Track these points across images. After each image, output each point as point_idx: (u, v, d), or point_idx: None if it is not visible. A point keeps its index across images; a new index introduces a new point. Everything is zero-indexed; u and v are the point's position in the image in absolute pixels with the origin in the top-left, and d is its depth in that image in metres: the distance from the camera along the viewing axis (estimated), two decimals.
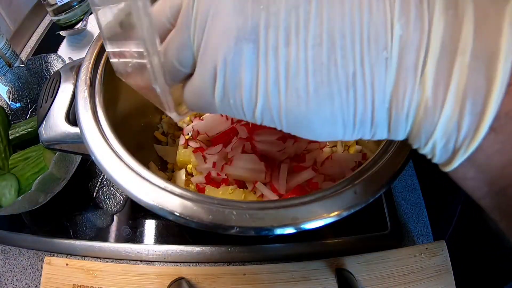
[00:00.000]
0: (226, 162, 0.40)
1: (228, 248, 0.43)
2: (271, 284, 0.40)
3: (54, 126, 0.33)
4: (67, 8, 0.69)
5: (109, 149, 0.29)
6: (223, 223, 0.25)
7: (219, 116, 0.43)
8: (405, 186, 0.51)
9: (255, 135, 0.40)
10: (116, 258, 0.44)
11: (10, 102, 0.54)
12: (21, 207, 0.41)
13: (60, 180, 0.44)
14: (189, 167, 0.42)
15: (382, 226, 0.46)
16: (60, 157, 0.42)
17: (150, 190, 0.27)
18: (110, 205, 0.48)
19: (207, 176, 0.41)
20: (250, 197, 0.39)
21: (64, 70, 0.36)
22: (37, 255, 0.45)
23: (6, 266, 0.44)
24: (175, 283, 0.39)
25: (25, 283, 0.43)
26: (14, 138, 0.51)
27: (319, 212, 0.26)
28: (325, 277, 0.40)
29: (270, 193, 0.39)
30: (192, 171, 0.42)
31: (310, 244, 0.44)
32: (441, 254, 0.41)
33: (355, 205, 0.27)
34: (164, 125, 0.47)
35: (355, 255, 0.42)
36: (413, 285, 0.40)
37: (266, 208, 0.26)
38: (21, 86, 0.54)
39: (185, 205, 0.26)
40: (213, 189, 0.39)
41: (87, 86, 0.33)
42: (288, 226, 0.25)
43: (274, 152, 0.40)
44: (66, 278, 0.40)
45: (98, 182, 0.50)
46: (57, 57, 0.55)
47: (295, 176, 0.40)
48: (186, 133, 0.44)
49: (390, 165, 0.29)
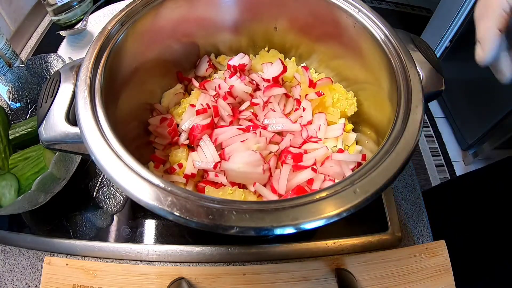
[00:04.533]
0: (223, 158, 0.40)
1: (228, 248, 0.43)
2: (271, 284, 0.40)
3: (54, 126, 0.33)
4: (67, 8, 0.69)
5: (109, 149, 0.29)
6: (223, 223, 0.25)
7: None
8: (405, 186, 0.51)
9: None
10: (116, 258, 0.44)
11: (10, 102, 0.54)
12: (21, 207, 0.41)
13: (60, 180, 0.44)
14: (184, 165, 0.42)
15: (382, 226, 0.46)
16: (60, 157, 0.42)
17: (150, 190, 0.27)
18: (110, 205, 0.48)
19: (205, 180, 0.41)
20: (250, 197, 0.39)
21: (64, 70, 0.36)
22: (37, 255, 0.45)
23: (6, 266, 0.44)
24: (175, 283, 0.39)
25: (25, 283, 0.43)
26: (14, 138, 0.51)
27: (319, 212, 0.26)
28: (325, 277, 0.40)
29: (270, 194, 0.39)
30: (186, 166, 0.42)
31: (310, 244, 0.44)
32: (441, 254, 0.41)
33: (355, 205, 0.27)
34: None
35: (355, 255, 0.42)
36: (413, 285, 0.40)
37: (266, 208, 0.26)
38: (21, 86, 0.54)
39: (185, 205, 0.26)
40: (213, 189, 0.39)
41: (87, 86, 0.33)
42: (288, 226, 0.25)
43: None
44: (66, 278, 0.40)
45: (98, 182, 0.50)
46: (57, 57, 0.55)
47: (295, 176, 0.40)
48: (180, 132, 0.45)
49: (390, 165, 0.29)
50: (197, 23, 0.49)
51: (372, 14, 0.40)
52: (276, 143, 0.44)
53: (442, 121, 1.61)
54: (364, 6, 0.41)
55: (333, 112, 0.47)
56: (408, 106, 0.33)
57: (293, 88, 0.50)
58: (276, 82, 0.48)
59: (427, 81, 0.37)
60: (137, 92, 0.44)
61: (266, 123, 0.45)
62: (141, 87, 0.45)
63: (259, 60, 0.52)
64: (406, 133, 0.31)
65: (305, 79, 0.49)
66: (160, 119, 0.46)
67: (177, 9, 0.45)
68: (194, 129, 0.43)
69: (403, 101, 0.34)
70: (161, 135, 0.46)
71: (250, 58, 0.52)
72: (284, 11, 0.49)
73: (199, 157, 0.42)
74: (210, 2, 0.47)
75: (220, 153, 0.41)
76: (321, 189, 0.28)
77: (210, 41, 0.52)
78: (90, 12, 0.71)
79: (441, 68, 0.39)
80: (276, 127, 0.44)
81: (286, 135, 0.45)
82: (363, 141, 0.46)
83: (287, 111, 0.48)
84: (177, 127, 0.46)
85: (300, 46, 0.52)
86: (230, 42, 0.53)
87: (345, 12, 0.42)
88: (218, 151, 0.42)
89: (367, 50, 0.42)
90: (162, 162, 0.44)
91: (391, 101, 0.37)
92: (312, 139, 0.44)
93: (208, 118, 0.45)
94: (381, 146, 0.31)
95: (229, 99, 0.47)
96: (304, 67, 0.50)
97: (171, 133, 0.45)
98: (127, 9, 0.40)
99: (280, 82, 0.49)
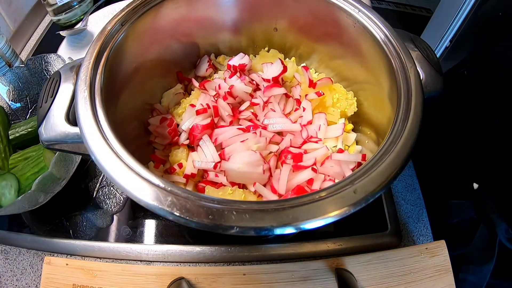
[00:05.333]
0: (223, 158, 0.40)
1: (228, 248, 0.43)
2: (271, 284, 0.40)
3: (54, 126, 0.33)
4: (67, 8, 0.69)
5: (109, 149, 0.29)
6: (223, 223, 0.25)
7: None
8: (405, 186, 0.51)
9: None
10: (116, 258, 0.44)
11: (10, 102, 0.54)
12: (21, 207, 0.41)
13: (60, 180, 0.44)
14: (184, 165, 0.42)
15: (382, 226, 0.46)
16: (60, 157, 0.42)
17: (150, 190, 0.27)
18: (110, 205, 0.48)
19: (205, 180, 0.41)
20: (250, 197, 0.39)
21: (64, 70, 0.36)
22: (37, 255, 0.45)
23: (6, 266, 0.44)
24: (175, 283, 0.39)
25: (25, 283, 0.43)
26: (14, 138, 0.51)
27: (319, 212, 0.26)
28: (325, 277, 0.40)
29: (270, 194, 0.39)
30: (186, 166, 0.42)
31: (310, 244, 0.44)
32: (441, 254, 0.41)
33: (355, 205, 0.27)
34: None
35: (355, 255, 0.42)
36: (413, 285, 0.40)
37: (266, 208, 0.26)
38: (21, 86, 0.54)
39: (185, 205, 0.26)
40: (213, 189, 0.39)
41: (87, 86, 0.33)
42: (288, 226, 0.25)
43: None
44: (66, 278, 0.40)
45: (98, 182, 0.50)
46: (57, 57, 0.55)
47: (295, 176, 0.40)
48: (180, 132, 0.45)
49: (390, 165, 0.29)
50: (197, 23, 0.49)
51: (372, 14, 0.40)
52: (276, 143, 0.44)
53: None
54: (364, 6, 0.41)
55: (333, 112, 0.47)
56: (408, 106, 0.33)
57: (293, 88, 0.50)
58: (276, 82, 0.48)
59: (427, 81, 0.37)
60: (137, 92, 0.44)
61: (266, 123, 0.45)
62: (141, 87, 0.45)
63: (259, 60, 0.52)
64: (406, 133, 0.31)
65: (305, 79, 0.49)
66: (160, 119, 0.46)
67: (177, 9, 0.45)
68: (194, 129, 0.43)
69: (403, 101, 0.34)
70: (161, 135, 0.46)
71: (250, 58, 0.52)
72: (284, 11, 0.49)
73: (199, 157, 0.42)
74: (210, 2, 0.47)
75: (220, 153, 0.41)
76: (321, 189, 0.28)
77: (210, 41, 0.52)
78: (90, 12, 0.71)
79: (441, 68, 0.39)
80: (276, 127, 0.44)
81: (286, 135, 0.45)
82: (363, 141, 0.46)
83: (287, 111, 0.48)
84: (177, 127, 0.46)
85: (300, 46, 0.52)
86: (230, 42, 0.53)
87: (345, 12, 0.42)
88: (218, 151, 0.42)
89: (367, 50, 0.42)
90: (162, 162, 0.44)
91: (391, 101, 0.37)
92: (312, 139, 0.44)
93: (208, 118, 0.45)
94: (381, 146, 0.31)
95: (229, 99, 0.47)
96: (304, 67, 0.50)
97: (171, 133, 0.45)
98: (127, 9, 0.40)
99: (280, 82, 0.49)
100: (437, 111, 0.69)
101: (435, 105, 0.66)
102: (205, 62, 0.52)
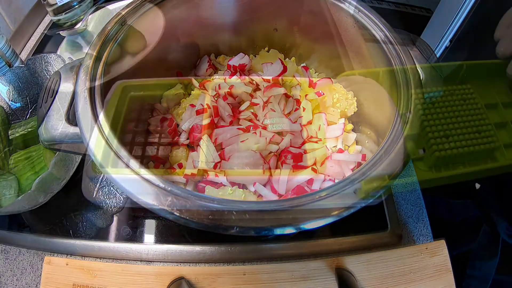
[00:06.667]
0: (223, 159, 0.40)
1: (228, 248, 0.43)
2: (271, 284, 0.40)
3: (54, 126, 0.33)
4: (67, 8, 0.69)
5: (109, 149, 0.29)
6: (223, 223, 0.25)
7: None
8: (405, 186, 0.51)
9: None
10: (116, 258, 0.44)
11: (10, 102, 0.54)
12: (21, 207, 0.41)
13: (60, 180, 0.44)
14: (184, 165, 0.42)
15: (382, 226, 0.46)
16: (60, 157, 0.42)
17: (150, 190, 0.27)
18: (110, 205, 0.48)
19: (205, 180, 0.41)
20: (250, 197, 0.39)
21: (64, 70, 0.36)
22: (37, 255, 0.45)
23: (6, 266, 0.44)
24: (175, 283, 0.39)
25: (25, 282, 0.43)
26: (14, 138, 0.51)
27: (319, 212, 0.26)
28: (325, 277, 0.40)
29: (270, 194, 0.39)
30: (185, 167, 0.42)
31: (310, 244, 0.44)
32: (441, 254, 0.41)
33: (355, 205, 0.27)
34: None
35: (355, 255, 0.42)
36: (413, 285, 0.40)
37: (266, 208, 0.26)
38: (21, 86, 0.54)
39: (185, 205, 0.26)
40: (213, 189, 0.39)
41: (87, 86, 0.33)
42: (288, 226, 0.26)
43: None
44: (66, 278, 0.40)
45: (98, 182, 0.50)
46: (57, 57, 0.55)
47: (295, 176, 0.40)
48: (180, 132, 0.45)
49: (390, 165, 0.29)
50: (197, 23, 0.49)
51: (372, 14, 0.40)
52: (276, 143, 0.44)
53: None
54: (364, 6, 0.41)
55: (333, 112, 0.47)
56: (408, 106, 0.33)
57: (293, 88, 0.50)
58: (276, 82, 0.48)
59: (427, 81, 0.37)
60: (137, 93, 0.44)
61: (266, 123, 0.45)
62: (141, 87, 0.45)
63: (259, 60, 0.52)
64: (406, 133, 0.31)
65: (305, 79, 0.49)
66: (160, 119, 0.46)
67: (177, 9, 0.45)
68: (194, 129, 0.44)
69: (403, 101, 0.34)
70: (161, 135, 0.46)
71: (250, 58, 0.52)
72: (284, 11, 0.49)
73: (199, 157, 0.42)
74: (210, 2, 0.47)
75: (220, 153, 0.41)
76: (321, 189, 0.28)
77: (210, 41, 0.52)
78: (90, 12, 0.71)
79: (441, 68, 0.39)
80: (276, 127, 0.44)
81: (286, 135, 0.45)
82: (363, 141, 0.46)
83: (287, 111, 0.48)
84: (177, 127, 0.46)
85: (300, 46, 0.52)
86: (230, 42, 0.53)
87: (345, 12, 0.42)
88: (218, 151, 0.42)
89: (367, 50, 0.42)
90: (162, 162, 0.44)
91: (391, 101, 0.37)
92: (312, 139, 0.44)
93: (208, 118, 0.45)
94: (381, 146, 0.31)
95: (229, 99, 0.47)
96: (304, 67, 0.50)
97: (171, 133, 0.45)
98: (127, 9, 0.40)
99: (280, 82, 0.49)
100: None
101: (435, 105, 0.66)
102: (205, 62, 0.52)
